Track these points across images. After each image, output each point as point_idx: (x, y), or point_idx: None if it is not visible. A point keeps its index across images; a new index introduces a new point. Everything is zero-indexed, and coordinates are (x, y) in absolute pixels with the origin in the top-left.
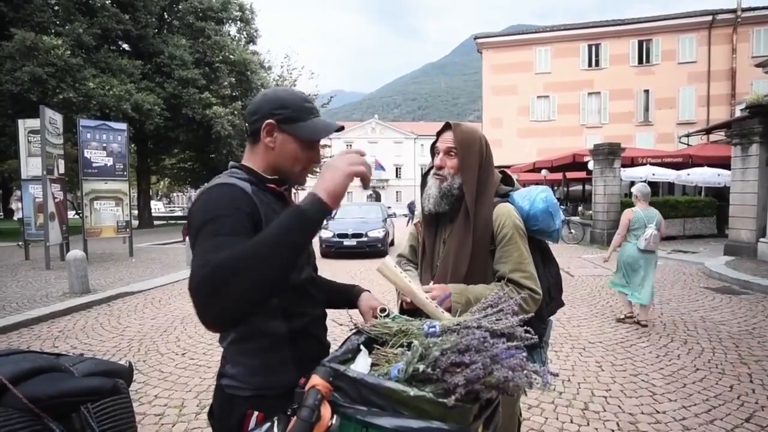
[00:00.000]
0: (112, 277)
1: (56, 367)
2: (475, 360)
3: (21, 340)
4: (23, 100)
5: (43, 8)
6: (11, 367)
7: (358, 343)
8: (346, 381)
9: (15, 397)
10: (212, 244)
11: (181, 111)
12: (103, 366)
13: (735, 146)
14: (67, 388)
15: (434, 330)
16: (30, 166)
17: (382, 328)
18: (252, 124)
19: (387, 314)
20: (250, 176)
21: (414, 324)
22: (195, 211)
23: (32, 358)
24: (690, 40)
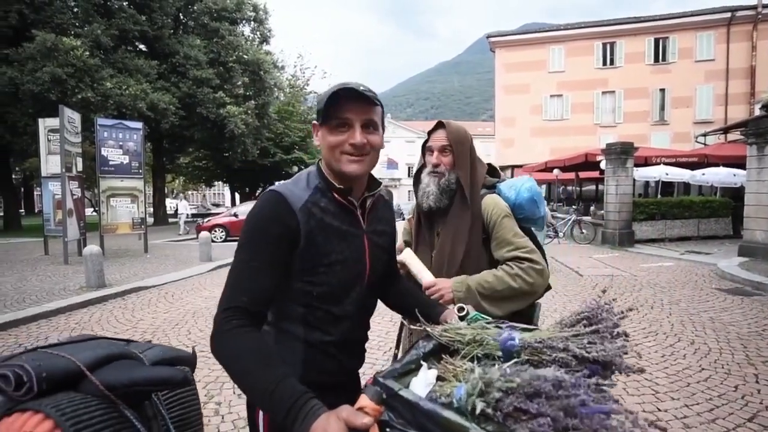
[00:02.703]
0: (127, 272)
1: (128, 354)
2: (544, 412)
3: (39, 331)
4: (43, 99)
5: (63, 10)
6: (88, 353)
7: (426, 352)
8: (401, 402)
9: (92, 384)
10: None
11: (196, 110)
12: (171, 353)
13: (750, 146)
14: (140, 377)
15: (512, 343)
16: (49, 164)
17: (455, 334)
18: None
19: (465, 314)
20: (320, 181)
21: (490, 333)
22: (245, 221)
23: (105, 345)
24: (708, 37)
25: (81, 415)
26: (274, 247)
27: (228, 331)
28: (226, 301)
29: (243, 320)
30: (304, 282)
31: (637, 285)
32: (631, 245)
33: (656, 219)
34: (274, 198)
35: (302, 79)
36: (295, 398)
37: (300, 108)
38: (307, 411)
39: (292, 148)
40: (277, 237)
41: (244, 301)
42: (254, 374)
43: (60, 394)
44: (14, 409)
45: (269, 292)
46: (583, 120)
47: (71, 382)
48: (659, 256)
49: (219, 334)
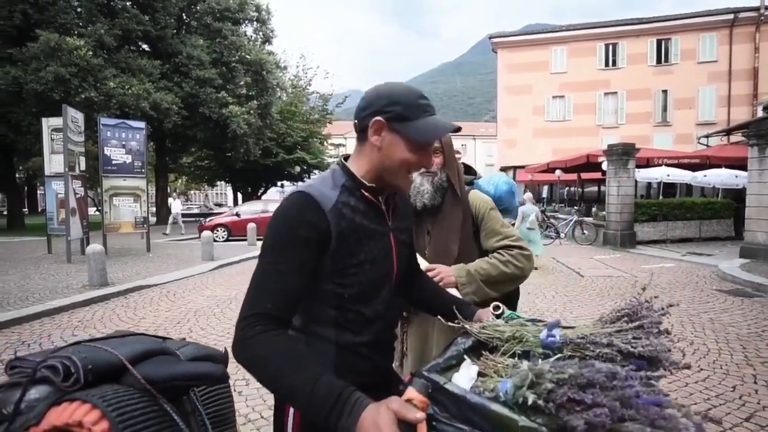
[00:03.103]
0: (129, 271)
1: (166, 351)
2: (600, 402)
3: (43, 329)
4: (47, 99)
5: (67, 10)
6: (128, 348)
7: (465, 348)
8: (446, 395)
9: (133, 378)
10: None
11: (199, 110)
12: (204, 351)
13: (752, 147)
14: (180, 372)
15: (553, 339)
16: (53, 163)
17: (493, 331)
18: (361, 121)
19: (501, 312)
20: (346, 179)
21: (529, 330)
22: (270, 223)
23: (144, 340)
24: (710, 38)
25: (125, 406)
26: (303, 250)
27: (252, 337)
28: (249, 307)
29: (267, 325)
30: (335, 284)
31: (638, 286)
32: (632, 246)
33: (658, 220)
34: (303, 199)
35: (305, 79)
36: (337, 393)
37: (302, 108)
38: (352, 403)
39: (294, 148)
40: (305, 240)
41: (269, 308)
42: (288, 376)
43: (104, 386)
44: (63, 399)
45: (296, 297)
46: (585, 121)
47: (114, 375)
48: (660, 258)
49: (243, 341)
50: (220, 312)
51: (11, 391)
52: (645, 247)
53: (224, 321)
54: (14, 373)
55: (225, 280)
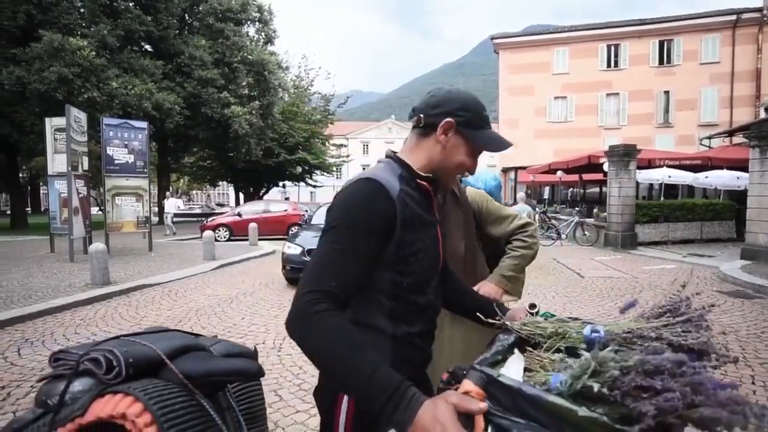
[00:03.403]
0: (131, 270)
1: (200, 347)
2: (670, 387)
3: (45, 327)
4: (50, 99)
5: (70, 11)
6: (166, 343)
7: (509, 344)
8: (500, 388)
9: (171, 372)
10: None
11: (201, 110)
12: (236, 348)
13: (753, 149)
14: (216, 368)
15: (597, 335)
16: (56, 162)
17: (535, 328)
18: (429, 117)
19: (537, 311)
20: (402, 170)
21: (572, 326)
22: (335, 204)
23: (180, 336)
24: (713, 40)
25: (165, 400)
26: (371, 235)
27: (316, 313)
28: (311, 283)
29: (330, 305)
30: (395, 272)
31: (638, 287)
32: (633, 247)
33: (659, 221)
34: (374, 185)
35: (306, 79)
36: (396, 385)
37: (304, 108)
38: (409, 398)
39: (296, 148)
40: (374, 226)
41: (332, 286)
42: (348, 359)
43: (144, 379)
44: (106, 391)
45: (358, 281)
46: (587, 122)
47: (153, 369)
48: (661, 259)
49: (304, 316)
50: (222, 311)
51: (55, 382)
52: (646, 249)
53: (225, 320)
54: (58, 365)
55: (226, 279)
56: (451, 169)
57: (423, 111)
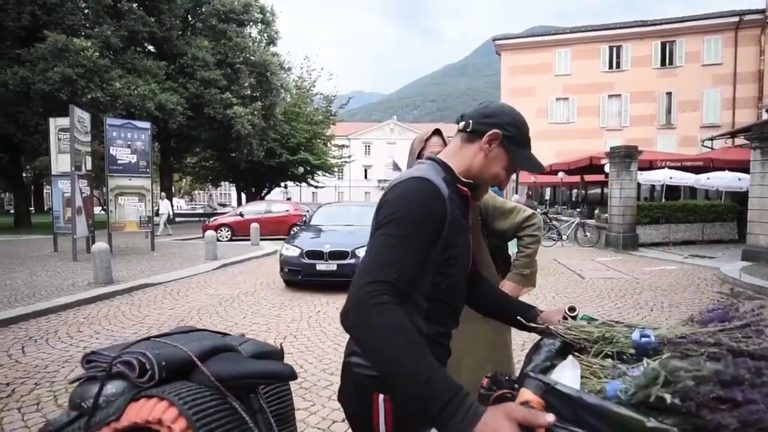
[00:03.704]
0: (134, 270)
1: (229, 347)
2: (754, 399)
3: (49, 325)
4: (54, 99)
5: (74, 11)
6: (196, 345)
7: (556, 349)
8: (558, 397)
9: (203, 375)
10: (385, 254)
11: (203, 111)
12: (263, 347)
13: (754, 150)
14: (249, 370)
15: (648, 340)
16: (60, 162)
17: (580, 332)
18: (478, 124)
19: (576, 314)
20: (446, 174)
21: (620, 330)
22: (390, 200)
23: (210, 337)
24: (715, 41)
25: (199, 404)
26: (427, 232)
27: (379, 305)
28: (372, 274)
29: (391, 297)
30: (436, 274)
31: (638, 288)
32: (634, 248)
33: (660, 223)
34: (429, 185)
35: (309, 80)
36: (455, 391)
37: (306, 109)
38: (468, 407)
39: (297, 149)
40: (431, 222)
41: (393, 278)
42: (407, 358)
43: (177, 382)
44: (140, 395)
45: (414, 275)
46: (589, 123)
47: (184, 371)
48: (662, 260)
49: (367, 307)
50: (223, 310)
51: (88, 384)
52: (647, 250)
53: (227, 319)
54: (90, 367)
55: (228, 278)
56: (488, 179)
57: (473, 118)
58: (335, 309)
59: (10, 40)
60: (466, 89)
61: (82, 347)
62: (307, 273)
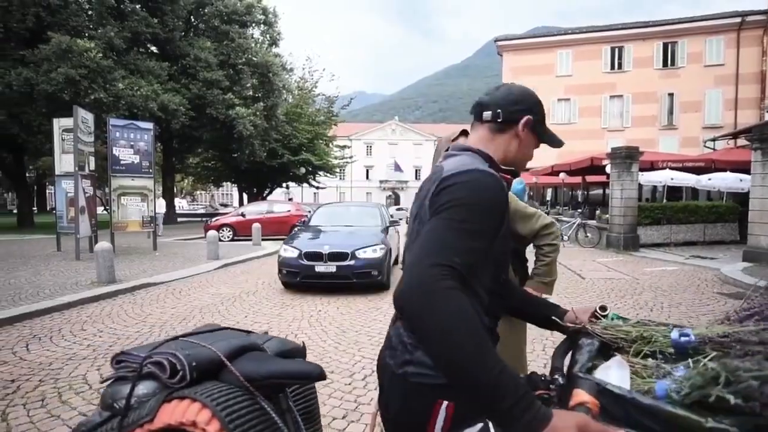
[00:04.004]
0: (136, 269)
1: (256, 346)
2: None
3: (53, 323)
4: (57, 99)
5: (78, 13)
6: (224, 344)
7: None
8: (610, 397)
9: (232, 375)
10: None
11: (205, 111)
12: (287, 345)
13: (755, 151)
14: (278, 370)
15: (687, 339)
16: (63, 162)
17: (617, 332)
18: (509, 113)
19: (606, 314)
20: (490, 163)
21: (657, 330)
22: (453, 187)
23: (236, 335)
24: (717, 42)
25: (231, 405)
26: (493, 223)
27: (444, 290)
28: (436, 256)
29: (456, 282)
30: (496, 266)
31: (639, 288)
32: (635, 249)
33: (662, 223)
34: (496, 178)
35: (310, 81)
36: (525, 389)
37: (308, 110)
38: (538, 407)
39: (299, 149)
40: (496, 214)
41: (456, 262)
42: (478, 347)
43: (207, 383)
44: (173, 397)
45: (474, 264)
46: (590, 124)
47: (213, 371)
48: (663, 261)
49: (432, 291)
50: (225, 309)
51: (118, 385)
52: (648, 250)
53: (228, 318)
54: (120, 367)
55: (230, 278)
56: (523, 163)
57: (501, 107)
58: (336, 308)
59: (15, 41)
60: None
61: (86, 345)
62: (306, 275)
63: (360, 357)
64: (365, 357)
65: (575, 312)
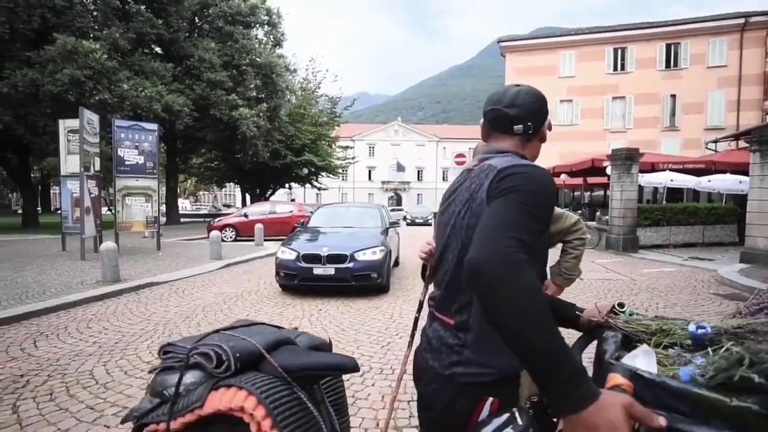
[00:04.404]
0: (140, 268)
1: (290, 340)
2: None
3: (59, 321)
4: (62, 100)
5: (83, 14)
6: (262, 337)
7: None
8: (640, 381)
9: (271, 366)
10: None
11: (209, 112)
12: (316, 340)
13: (753, 153)
14: (315, 362)
15: (704, 331)
16: (69, 163)
17: (637, 325)
18: (538, 123)
19: (624, 310)
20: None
21: (676, 323)
22: (514, 176)
23: (271, 330)
24: (721, 43)
25: (273, 394)
26: (548, 216)
27: (519, 261)
28: (509, 230)
29: (527, 258)
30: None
31: (635, 289)
32: (635, 251)
33: (661, 225)
34: (548, 173)
35: (314, 82)
36: (580, 366)
37: (311, 111)
38: (589, 384)
39: (302, 150)
40: (550, 205)
41: (526, 239)
42: (546, 320)
43: (249, 373)
44: (219, 385)
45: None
46: (592, 125)
47: (253, 362)
48: (662, 262)
49: (508, 261)
50: (227, 308)
51: (166, 374)
52: (647, 252)
53: (231, 316)
54: (167, 358)
55: (232, 278)
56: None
57: (532, 119)
58: (336, 308)
59: (21, 42)
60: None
61: (92, 342)
62: (304, 277)
63: (359, 355)
64: (363, 355)
65: (597, 307)
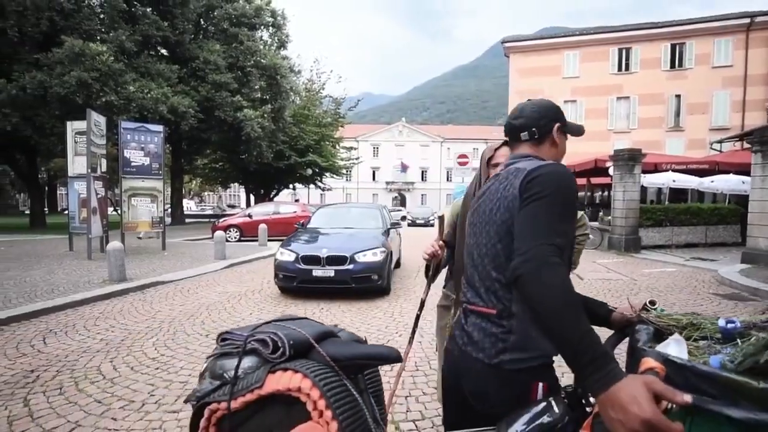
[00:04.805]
0: (146, 268)
1: (334, 333)
2: None
3: (67, 319)
4: (70, 102)
5: (91, 17)
6: (310, 329)
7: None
8: (672, 366)
9: (319, 355)
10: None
11: (214, 113)
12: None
13: (755, 153)
14: (360, 352)
15: (734, 325)
16: (76, 164)
17: (669, 320)
18: (541, 127)
19: (656, 307)
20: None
21: (706, 318)
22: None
23: (317, 324)
24: (726, 43)
25: (324, 378)
26: (574, 208)
27: (554, 264)
28: (544, 236)
29: (561, 259)
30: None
31: (635, 289)
32: (637, 251)
33: (663, 225)
34: (568, 170)
35: (318, 83)
36: (603, 351)
37: (315, 111)
38: (612, 368)
39: (306, 151)
40: (575, 200)
41: (559, 242)
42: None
43: (301, 359)
44: (277, 368)
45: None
46: (597, 126)
47: (304, 351)
48: (663, 262)
49: (545, 264)
50: (231, 307)
51: (223, 359)
52: (649, 252)
53: (234, 315)
54: (225, 344)
55: (236, 277)
56: (560, 159)
57: (534, 125)
58: (337, 306)
59: (29, 44)
60: (476, 91)
61: (99, 339)
62: (303, 279)
63: None
64: None
65: (630, 303)
